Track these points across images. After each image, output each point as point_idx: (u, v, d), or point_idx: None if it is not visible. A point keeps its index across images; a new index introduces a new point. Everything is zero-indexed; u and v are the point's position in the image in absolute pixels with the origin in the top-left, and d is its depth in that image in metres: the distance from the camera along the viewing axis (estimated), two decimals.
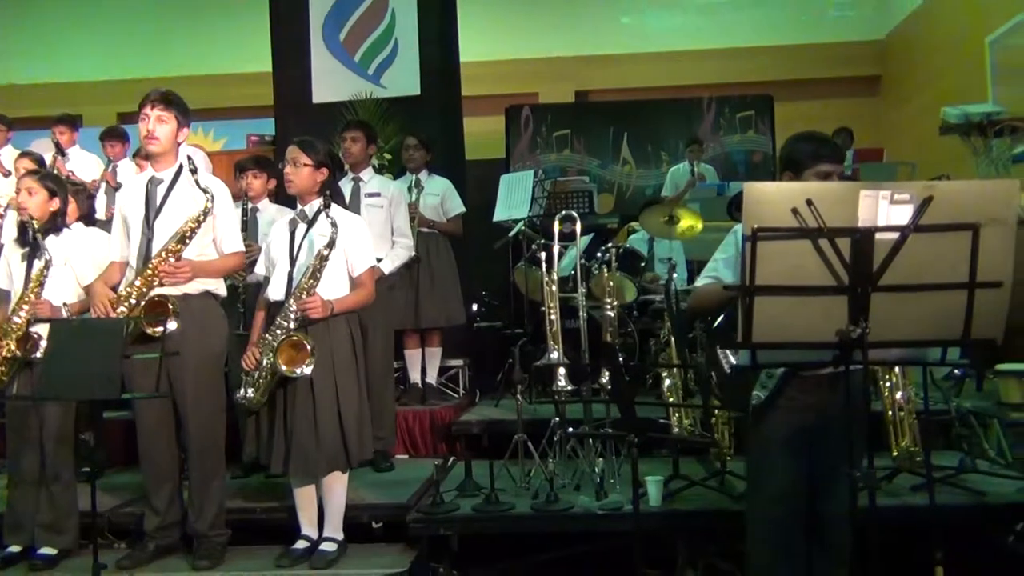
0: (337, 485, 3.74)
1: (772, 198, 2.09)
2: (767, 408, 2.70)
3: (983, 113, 5.59)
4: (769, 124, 9.43)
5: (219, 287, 3.77)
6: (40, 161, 6.03)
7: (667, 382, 4.28)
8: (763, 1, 10.71)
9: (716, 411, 3.81)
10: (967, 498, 3.72)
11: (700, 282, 2.88)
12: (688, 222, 5.32)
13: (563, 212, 4.91)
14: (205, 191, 3.54)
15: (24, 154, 6.15)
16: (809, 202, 2.03)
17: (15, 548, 3.89)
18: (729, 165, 9.20)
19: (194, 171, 3.55)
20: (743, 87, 9.96)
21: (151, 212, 3.61)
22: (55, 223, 4.02)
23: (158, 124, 3.61)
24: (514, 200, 5.93)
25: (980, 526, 3.65)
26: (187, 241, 3.55)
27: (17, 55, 10.56)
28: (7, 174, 6.57)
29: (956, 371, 4.51)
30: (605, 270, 5.05)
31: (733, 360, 2.79)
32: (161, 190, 3.63)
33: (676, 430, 4.11)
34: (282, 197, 5.08)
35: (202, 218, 3.56)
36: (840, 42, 10.40)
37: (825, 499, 2.70)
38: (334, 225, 3.56)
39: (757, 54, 10.23)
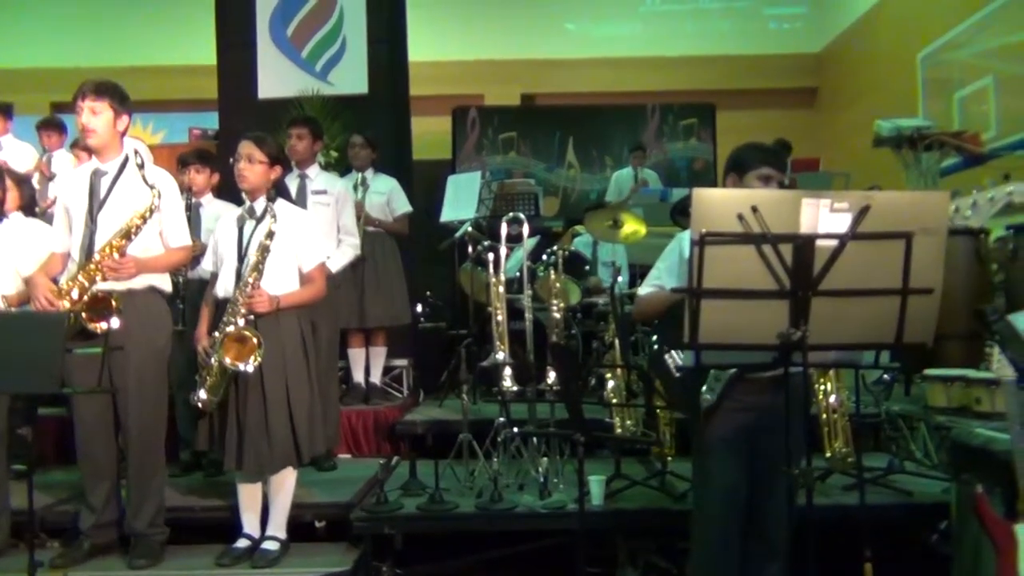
0: (287, 482, 3.71)
1: (719, 204, 2.16)
2: (713, 410, 2.78)
3: (914, 127, 5.79)
4: (711, 132, 9.64)
5: (164, 282, 3.70)
6: None
7: (611, 383, 4.35)
8: (706, 12, 10.94)
9: (658, 412, 3.89)
10: (895, 498, 3.87)
11: (644, 290, 2.95)
12: (632, 227, 5.40)
13: (510, 214, 4.95)
14: (152, 187, 3.48)
15: None
16: (754, 208, 2.10)
17: None
18: (672, 171, 9.37)
19: (141, 165, 3.49)
20: (686, 95, 10.15)
21: (95, 204, 3.53)
22: None
23: (91, 116, 3.52)
24: (461, 201, 5.95)
25: (907, 525, 3.79)
26: (132, 237, 3.48)
27: None
28: None
29: (886, 376, 4.67)
30: (552, 272, 5.10)
31: (679, 361, 2.86)
32: (106, 182, 3.56)
33: (619, 431, 4.17)
34: (225, 192, 5.02)
35: (148, 215, 3.49)
36: (779, 54, 10.69)
37: (764, 496, 2.79)
38: (273, 216, 3.55)
39: (700, 63, 10.44)
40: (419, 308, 6.63)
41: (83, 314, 3.38)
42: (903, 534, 3.72)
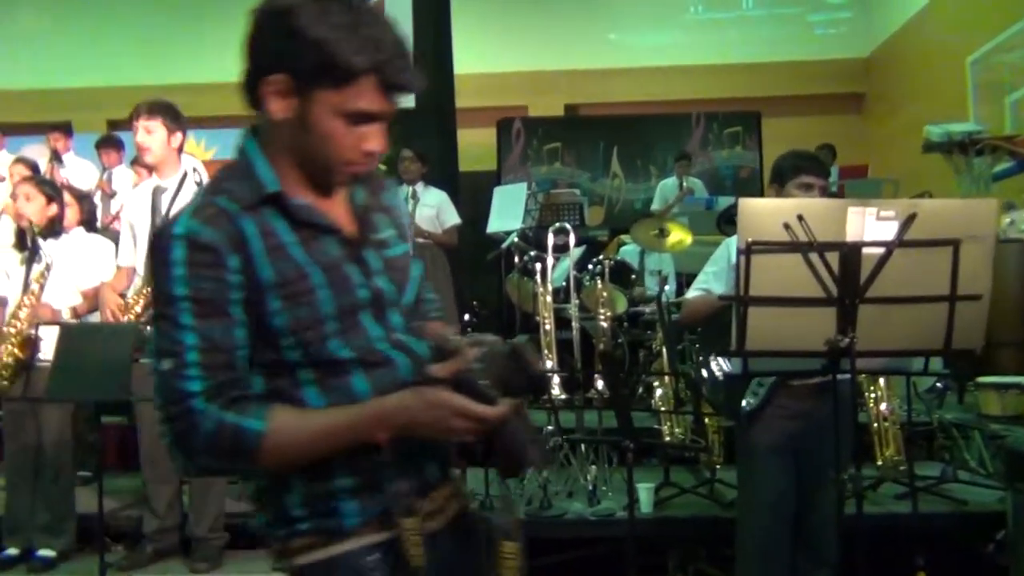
0: None
1: (765, 213, 2.19)
2: (757, 416, 2.79)
3: (964, 132, 5.73)
4: (757, 140, 9.58)
5: None
6: (34, 167, 6.08)
7: (659, 391, 4.37)
8: (750, 19, 10.90)
9: (707, 419, 3.90)
10: (949, 507, 3.83)
11: (692, 293, 2.98)
12: (678, 235, 5.42)
13: (556, 224, 5.00)
14: None
15: (18, 160, 6.18)
16: (800, 217, 2.13)
17: (13, 551, 3.92)
18: (717, 180, 9.34)
19: (199, 182, 3.62)
20: (731, 103, 10.11)
21: (156, 220, 3.67)
22: (53, 228, 4.07)
23: (146, 135, 3.65)
24: (507, 212, 6.02)
25: (961, 534, 3.75)
26: None
27: (6, 61, 10.56)
28: (1, 180, 6.61)
29: (938, 384, 4.61)
30: (597, 282, 5.14)
31: (726, 368, 2.88)
32: (166, 198, 3.69)
33: (668, 438, 4.19)
34: None
35: None
36: (825, 59, 10.59)
37: (812, 505, 2.79)
38: None
39: (745, 71, 10.39)
40: (466, 318, 6.70)
41: (147, 325, 3.51)
42: (957, 544, 3.67)
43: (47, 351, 3.62)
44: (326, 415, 1.31)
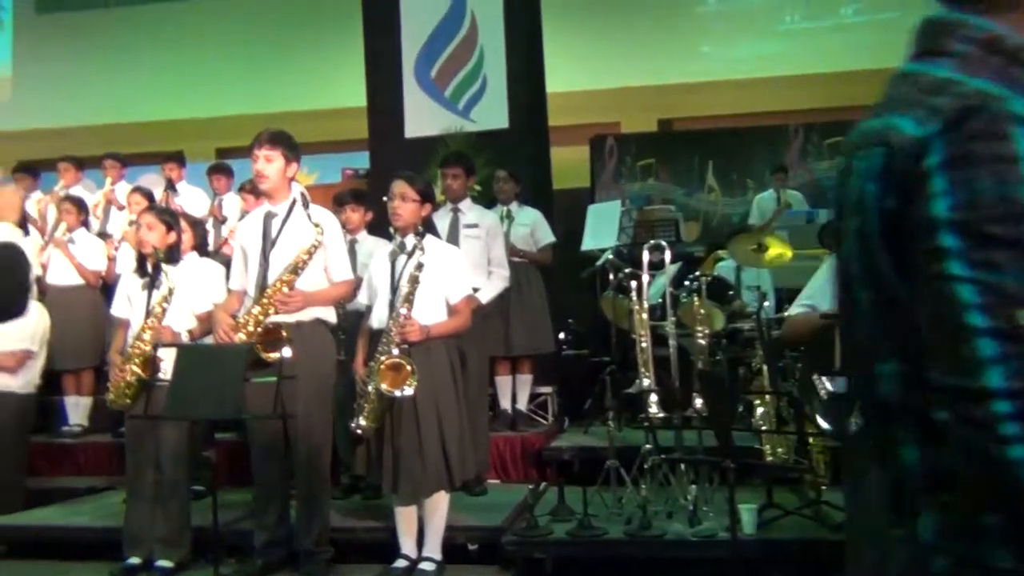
0: (441, 505, 3.87)
1: None
2: (865, 436, 2.72)
3: None
4: None
5: (329, 314, 3.97)
6: (150, 196, 6.42)
7: (759, 410, 4.29)
8: (849, 26, 10.61)
9: (811, 439, 3.81)
10: None
11: (794, 310, 2.92)
12: (777, 250, 5.31)
13: (651, 241, 4.98)
14: (317, 225, 3.76)
15: (135, 189, 6.54)
16: None
17: (135, 560, 4.13)
18: (818, 192, 9.10)
19: (307, 206, 3.77)
20: (831, 113, 9.85)
21: (267, 244, 3.84)
22: (172, 255, 4.29)
23: (266, 163, 3.84)
24: (601, 229, 6.02)
25: None
26: (299, 272, 3.77)
27: (123, 96, 11.19)
28: (121, 208, 7.00)
29: None
30: (694, 298, 5.08)
31: (829, 387, 2.81)
32: (276, 223, 3.86)
33: (770, 458, 4.11)
34: (375, 229, 5.30)
35: (313, 250, 3.77)
36: None
37: None
38: (422, 249, 3.74)
39: (845, 79, 10.09)
40: (562, 336, 6.72)
41: (258, 345, 3.67)
42: None
43: (167, 371, 3.82)
44: None
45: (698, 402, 4.43)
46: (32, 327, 5.26)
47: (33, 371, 5.31)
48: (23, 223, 6.26)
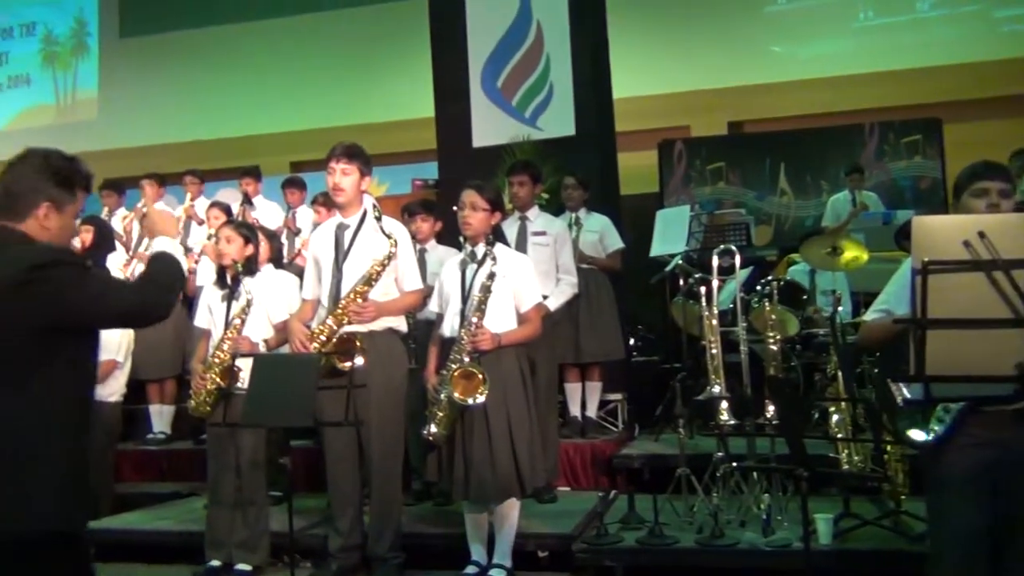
0: (511, 512, 3.89)
1: (942, 231, 2.08)
2: (944, 445, 2.63)
3: None
4: (938, 148, 9.02)
5: (400, 324, 4.04)
6: (227, 210, 6.63)
7: (835, 417, 4.20)
8: (927, 21, 10.30)
9: (889, 447, 3.71)
10: None
11: (870, 315, 2.84)
12: (852, 253, 5.19)
13: (721, 246, 4.92)
14: (389, 236, 3.84)
15: (214, 204, 6.77)
16: (981, 234, 2.01)
17: (216, 563, 4.26)
18: (895, 192, 8.86)
19: (379, 217, 3.86)
20: (908, 110, 9.58)
21: (340, 256, 3.93)
22: (250, 267, 4.42)
23: (343, 176, 3.94)
24: (670, 235, 5.98)
25: None
26: (373, 283, 3.85)
27: (202, 114, 11.59)
28: (200, 223, 7.24)
29: None
30: (766, 303, 5.00)
31: (907, 394, 2.73)
32: (348, 235, 3.96)
33: (846, 467, 4.01)
34: (444, 238, 5.36)
35: (387, 261, 3.85)
36: (1014, 58, 9.83)
37: (1013, 544, 2.57)
38: (494, 259, 3.76)
39: (922, 76, 9.82)
40: (631, 342, 6.68)
41: (332, 355, 3.76)
42: None
43: (246, 380, 3.93)
44: None
45: (770, 409, 4.35)
46: (117, 338, 5.47)
47: (119, 381, 5.53)
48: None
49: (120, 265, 6.66)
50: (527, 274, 3.98)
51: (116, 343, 5.46)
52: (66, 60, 12.62)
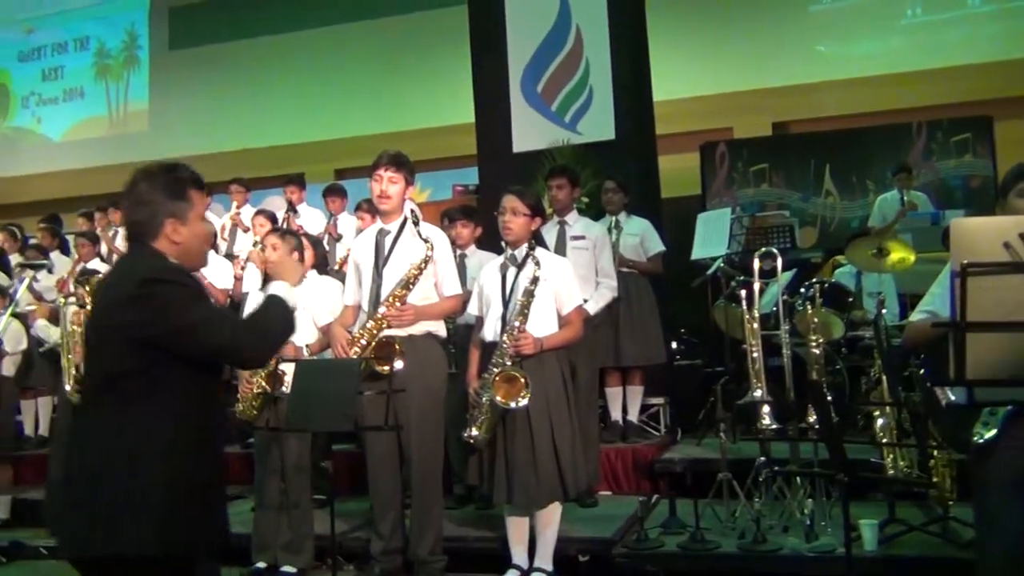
0: (554, 516, 3.89)
1: (981, 232, 2.05)
2: (991, 449, 2.58)
3: None
4: (989, 147, 8.81)
5: (440, 328, 4.08)
6: (273, 217, 6.73)
7: (880, 421, 4.13)
8: (975, 17, 10.08)
9: (935, 452, 3.64)
10: None
11: (915, 316, 2.80)
12: (899, 254, 5.11)
13: (763, 249, 4.87)
14: (426, 241, 3.89)
15: (259, 212, 6.87)
16: (1023, 236, 1.98)
17: (262, 564, 4.33)
18: (945, 192, 8.68)
19: (416, 223, 3.90)
20: (957, 108, 9.37)
21: (380, 261, 3.99)
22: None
23: (390, 184, 4.00)
24: (711, 238, 5.94)
25: None
26: (411, 287, 3.90)
27: (247, 124, 11.80)
28: (247, 230, 7.37)
29: None
30: (809, 306, 4.94)
31: (952, 397, 2.69)
32: (388, 241, 4.01)
33: (891, 472, 3.94)
34: (484, 243, 5.39)
35: (424, 265, 3.89)
36: None
37: None
38: (537, 263, 3.78)
39: (971, 73, 9.60)
40: (674, 346, 6.64)
41: (372, 359, 3.81)
42: None
43: (290, 385, 3.99)
44: None
45: (813, 413, 4.30)
46: None
47: None
48: None
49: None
50: (567, 277, 3.99)
51: None
52: (118, 73, 12.95)
